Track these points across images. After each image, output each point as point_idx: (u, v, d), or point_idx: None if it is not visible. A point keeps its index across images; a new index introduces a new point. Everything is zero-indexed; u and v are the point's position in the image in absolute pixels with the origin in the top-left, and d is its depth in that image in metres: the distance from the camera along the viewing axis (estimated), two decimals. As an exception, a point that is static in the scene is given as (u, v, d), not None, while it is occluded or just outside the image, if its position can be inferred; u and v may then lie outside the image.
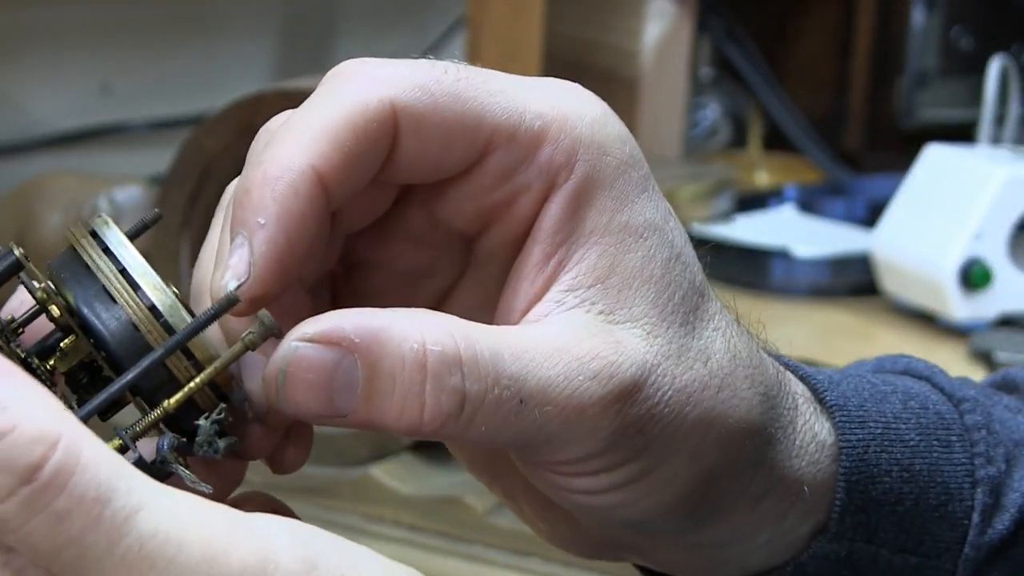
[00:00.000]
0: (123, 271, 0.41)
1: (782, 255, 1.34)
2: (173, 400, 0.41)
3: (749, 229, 1.43)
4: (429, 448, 0.98)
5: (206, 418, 0.42)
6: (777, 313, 1.29)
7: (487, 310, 0.48)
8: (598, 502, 0.47)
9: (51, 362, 0.43)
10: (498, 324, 0.46)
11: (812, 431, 0.51)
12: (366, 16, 1.64)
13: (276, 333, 0.41)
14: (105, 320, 0.41)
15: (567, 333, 0.44)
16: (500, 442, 0.44)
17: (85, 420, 0.40)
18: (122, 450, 0.41)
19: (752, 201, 1.52)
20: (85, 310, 0.41)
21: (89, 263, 0.42)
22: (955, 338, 1.21)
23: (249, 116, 0.93)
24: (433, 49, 1.66)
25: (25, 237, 1.14)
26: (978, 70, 1.38)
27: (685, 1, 1.63)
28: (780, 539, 0.51)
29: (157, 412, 0.41)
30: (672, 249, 0.47)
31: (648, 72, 1.62)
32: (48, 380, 0.43)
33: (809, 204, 1.53)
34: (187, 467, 0.42)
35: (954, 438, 0.54)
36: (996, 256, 1.20)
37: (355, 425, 0.43)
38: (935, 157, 1.27)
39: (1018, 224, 1.21)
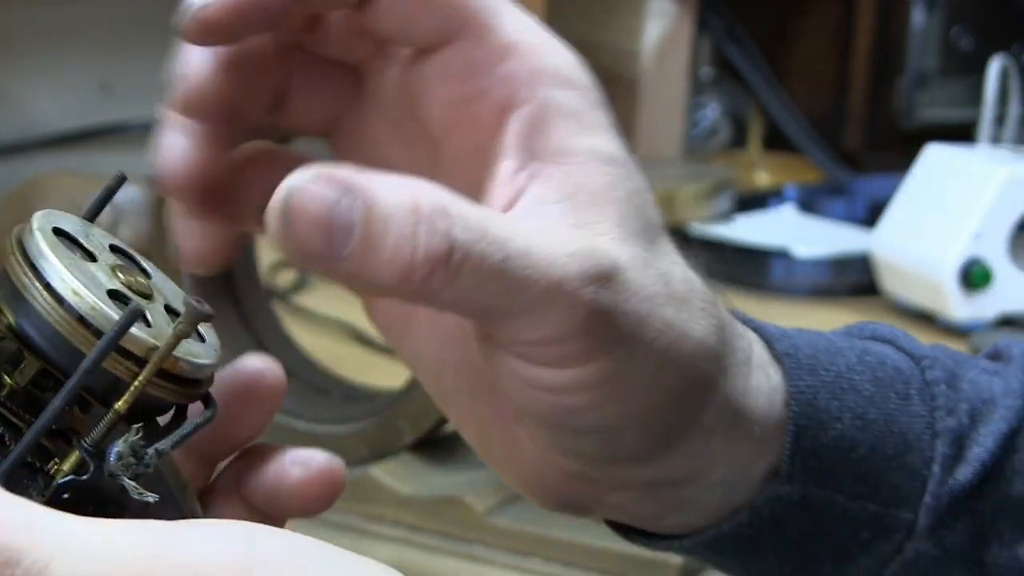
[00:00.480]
0: (47, 285, 0.41)
1: (782, 255, 1.34)
2: (121, 403, 0.41)
3: (749, 229, 1.43)
4: (429, 448, 0.98)
5: (124, 440, 0.41)
6: (777, 313, 1.28)
7: None
8: (565, 403, 0.47)
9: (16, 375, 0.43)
10: None
11: (766, 372, 0.52)
12: (366, 16, 1.64)
13: (206, 316, 0.41)
14: (41, 336, 0.41)
15: (544, 223, 0.46)
16: (480, 306, 0.44)
17: (2, 478, 0.40)
18: (81, 465, 0.41)
19: (752, 201, 1.52)
20: (23, 329, 0.42)
21: (15, 281, 0.42)
22: (955, 338, 1.21)
23: (249, 116, 0.93)
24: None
25: (25, 237, 1.14)
26: (978, 70, 1.38)
27: (685, 1, 1.63)
28: (735, 481, 0.52)
29: (109, 416, 0.41)
30: (635, 184, 0.48)
31: (648, 72, 1.62)
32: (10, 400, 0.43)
33: (809, 204, 1.53)
34: (156, 458, 0.42)
35: (913, 391, 0.54)
36: (996, 256, 1.20)
37: (350, 275, 0.43)
38: (935, 157, 1.27)
39: (1018, 224, 1.21)
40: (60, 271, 0.41)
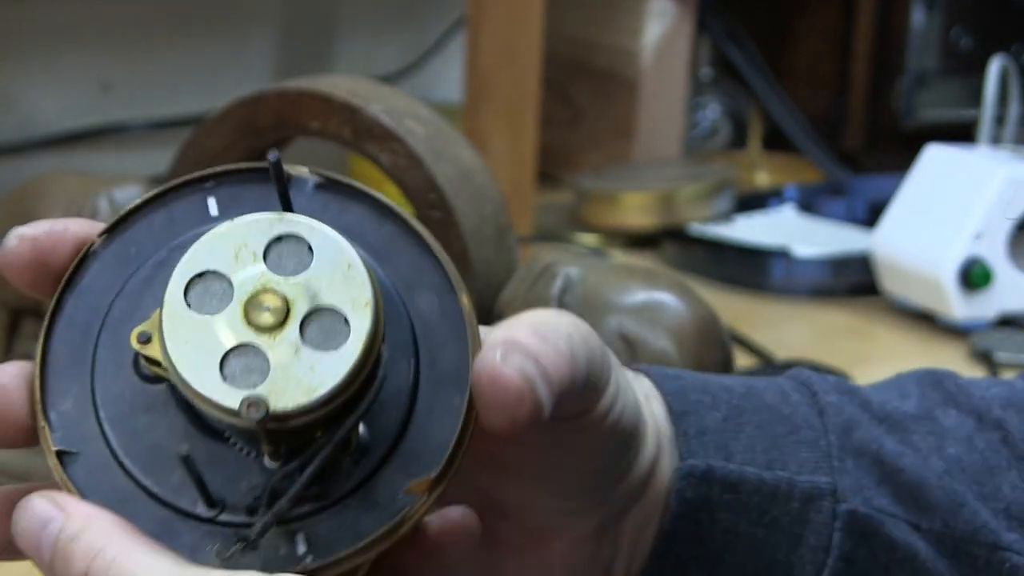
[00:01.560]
0: (173, 365, 0.45)
1: (782, 255, 1.34)
2: (265, 453, 0.46)
3: (749, 229, 1.43)
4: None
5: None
6: (777, 313, 1.29)
7: None
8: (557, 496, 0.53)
9: None
10: None
11: (639, 380, 0.57)
12: (366, 16, 1.64)
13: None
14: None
15: None
16: None
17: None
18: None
19: (752, 201, 1.52)
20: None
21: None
22: (955, 338, 1.21)
23: (249, 116, 0.93)
24: (433, 49, 1.66)
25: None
26: (978, 70, 1.38)
27: (685, 1, 1.63)
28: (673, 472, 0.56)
29: (265, 460, 0.46)
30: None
31: (648, 72, 1.62)
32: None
33: (809, 204, 1.53)
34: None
35: (789, 389, 0.58)
36: (996, 256, 1.20)
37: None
38: (935, 157, 1.27)
39: (1018, 224, 1.21)
40: (177, 356, 0.45)
